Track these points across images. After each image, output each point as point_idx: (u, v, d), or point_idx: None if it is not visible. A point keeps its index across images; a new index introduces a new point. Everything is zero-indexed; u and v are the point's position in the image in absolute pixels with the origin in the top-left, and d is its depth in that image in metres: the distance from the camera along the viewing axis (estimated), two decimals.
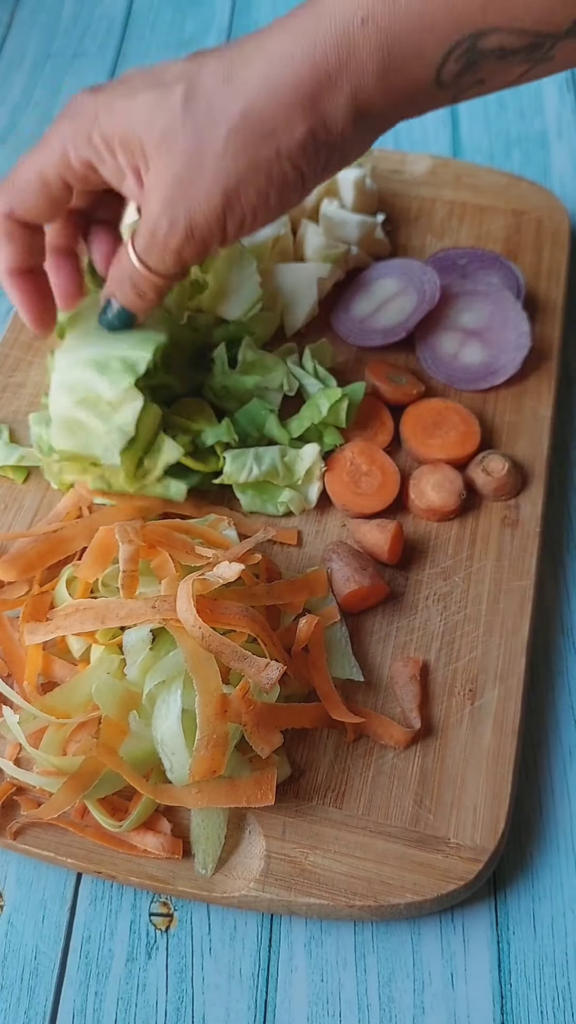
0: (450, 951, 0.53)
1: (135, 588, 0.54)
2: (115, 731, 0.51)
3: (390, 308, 0.71)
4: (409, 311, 0.70)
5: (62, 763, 0.51)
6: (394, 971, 0.52)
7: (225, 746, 0.50)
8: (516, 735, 0.55)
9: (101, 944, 0.53)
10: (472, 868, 0.51)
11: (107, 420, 0.59)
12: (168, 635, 0.53)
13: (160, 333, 0.61)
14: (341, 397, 0.65)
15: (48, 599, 0.58)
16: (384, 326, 0.70)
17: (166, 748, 0.51)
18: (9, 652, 0.58)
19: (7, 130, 0.95)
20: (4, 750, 0.55)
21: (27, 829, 0.53)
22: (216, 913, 0.54)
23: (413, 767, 0.55)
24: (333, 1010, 0.51)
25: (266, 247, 0.73)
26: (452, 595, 0.61)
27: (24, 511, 0.65)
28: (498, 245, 0.77)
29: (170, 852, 0.52)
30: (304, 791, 0.54)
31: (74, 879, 0.55)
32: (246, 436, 0.65)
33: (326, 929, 0.53)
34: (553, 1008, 0.51)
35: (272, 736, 0.52)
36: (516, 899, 0.54)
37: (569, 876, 0.55)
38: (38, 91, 0.98)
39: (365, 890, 0.51)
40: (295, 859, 0.52)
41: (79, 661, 0.56)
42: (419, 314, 0.70)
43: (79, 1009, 0.51)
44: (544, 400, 0.68)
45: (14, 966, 0.52)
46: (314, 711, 0.55)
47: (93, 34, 1.03)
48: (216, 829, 0.52)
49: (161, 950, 0.53)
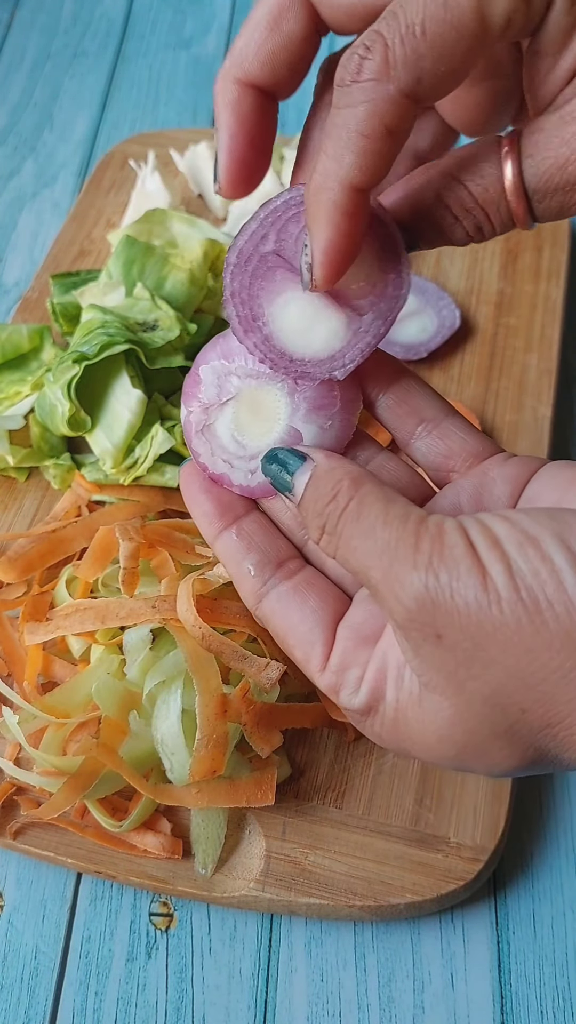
0: (450, 951, 0.53)
1: (135, 585, 0.54)
2: (115, 731, 0.51)
3: (410, 325, 0.72)
4: (431, 332, 0.71)
5: (62, 763, 0.51)
6: (394, 971, 0.52)
7: (225, 746, 0.50)
8: None
9: (101, 944, 0.53)
10: (472, 868, 0.51)
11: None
12: (168, 635, 0.53)
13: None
14: None
15: (48, 599, 0.58)
16: (405, 341, 0.71)
17: (166, 748, 0.51)
18: (9, 652, 0.58)
19: (7, 130, 0.95)
20: (4, 750, 0.55)
21: (27, 829, 0.53)
22: (216, 913, 0.54)
23: (413, 767, 0.55)
24: (333, 1010, 0.51)
25: None
26: None
27: (24, 511, 0.65)
28: (498, 244, 0.77)
29: (170, 852, 0.52)
30: (304, 791, 0.54)
31: (74, 879, 0.55)
32: None
33: (326, 929, 0.53)
34: (553, 1008, 0.51)
35: (272, 736, 0.52)
36: (516, 899, 0.54)
37: (569, 876, 0.55)
38: (38, 91, 0.98)
39: (365, 890, 0.51)
40: (295, 859, 0.52)
41: (79, 661, 0.56)
42: (440, 339, 0.71)
43: (79, 1009, 0.51)
44: (544, 400, 0.68)
45: (14, 966, 0.52)
46: (314, 711, 0.55)
47: (93, 34, 1.03)
48: (216, 829, 0.52)
49: (161, 950, 0.53)
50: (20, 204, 0.89)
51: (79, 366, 0.61)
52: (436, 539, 0.31)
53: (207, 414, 0.37)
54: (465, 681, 0.31)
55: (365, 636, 0.35)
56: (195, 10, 1.05)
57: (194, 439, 0.37)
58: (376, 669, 0.34)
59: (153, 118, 0.96)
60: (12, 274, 0.84)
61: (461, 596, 0.30)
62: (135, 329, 0.64)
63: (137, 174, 0.81)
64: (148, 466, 0.62)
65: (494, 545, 0.30)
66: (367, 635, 0.35)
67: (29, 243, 0.86)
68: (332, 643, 0.35)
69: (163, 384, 0.66)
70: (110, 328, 0.62)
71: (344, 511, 0.33)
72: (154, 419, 0.63)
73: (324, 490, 0.33)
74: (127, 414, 0.62)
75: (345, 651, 0.35)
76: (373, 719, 0.35)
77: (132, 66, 1.00)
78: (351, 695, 0.34)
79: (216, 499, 0.38)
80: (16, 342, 0.69)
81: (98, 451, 0.63)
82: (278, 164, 0.78)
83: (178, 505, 0.63)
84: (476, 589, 0.30)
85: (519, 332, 0.73)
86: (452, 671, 0.31)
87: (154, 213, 0.72)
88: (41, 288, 0.76)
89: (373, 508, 0.32)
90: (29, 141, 0.94)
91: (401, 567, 0.31)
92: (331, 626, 0.36)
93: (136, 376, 0.63)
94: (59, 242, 0.79)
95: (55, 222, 0.87)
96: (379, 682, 0.34)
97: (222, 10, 1.05)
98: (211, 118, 0.95)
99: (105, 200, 0.82)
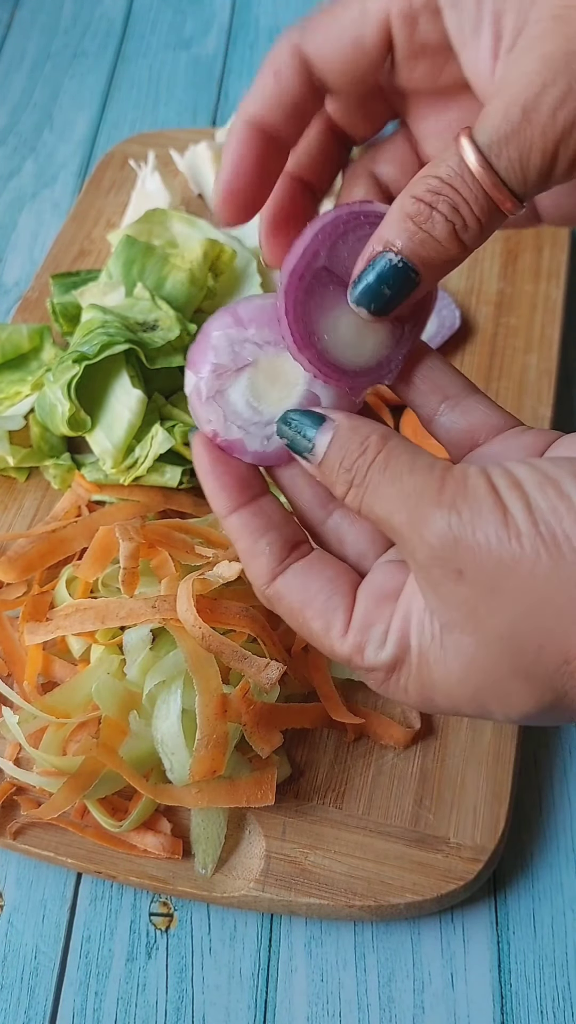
0: (450, 951, 0.53)
1: (135, 585, 0.54)
2: (115, 731, 0.51)
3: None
4: (431, 332, 0.71)
5: (62, 763, 0.51)
6: (394, 971, 0.52)
7: (225, 746, 0.50)
8: (516, 735, 0.55)
9: (101, 944, 0.53)
10: (472, 868, 0.51)
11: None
12: (168, 635, 0.53)
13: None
14: None
15: (48, 599, 0.58)
16: None
17: (166, 748, 0.51)
18: (9, 652, 0.58)
19: (7, 130, 0.95)
20: (4, 750, 0.55)
21: (27, 829, 0.53)
22: (216, 913, 0.54)
23: (413, 767, 0.55)
24: (333, 1010, 0.51)
25: None
26: None
27: (24, 511, 0.65)
28: (498, 244, 0.77)
29: (170, 852, 0.52)
30: (304, 791, 0.54)
31: (74, 879, 0.55)
32: None
33: (326, 929, 0.53)
34: (553, 1008, 0.51)
35: (272, 736, 0.52)
36: (516, 899, 0.54)
37: (569, 876, 0.55)
38: (38, 91, 0.98)
39: (365, 890, 0.51)
40: (295, 859, 0.52)
41: (79, 661, 0.56)
42: (440, 339, 0.71)
43: (79, 1009, 0.51)
44: (544, 400, 0.68)
45: (14, 966, 0.52)
46: (314, 711, 0.55)
47: (93, 34, 1.03)
48: (216, 829, 0.52)
49: (161, 950, 0.53)
50: (20, 204, 0.89)
51: (79, 366, 0.61)
52: (460, 483, 0.32)
53: (220, 380, 0.37)
54: (485, 618, 0.32)
55: (386, 593, 0.36)
56: (195, 10, 1.05)
57: (204, 406, 0.37)
58: (401, 619, 0.35)
59: (153, 118, 0.96)
60: (12, 274, 0.84)
61: (482, 532, 0.31)
62: (135, 329, 0.64)
63: (137, 174, 0.81)
64: (148, 466, 0.62)
65: (515, 486, 0.31)
66: (388, 592, 0.36)
67: (29, 243, 0.86)
68: (352, 608, 0.36)
69: (163, 384, 0.66)
70: (110, 328, 0.62)
71: (372, 463, 0.34)
72: (154, 419, 0.63)
73: (352, 445, 0.34)
74: (127, 414, 0.62)
75: (368, 609, 0.36)
76: (399, 673, 0.35)
77: (132, 66, 1.00)
78: (377, 650, 0.35)
79: (235, 473, 0.38)
80: (16, 342, 0.69)
81: (98, 451, 0.63)
82: None
83: (178, 505, 0.63)
84: (496, 525, 0.31)
85: (519, 332, 0.73)
86: (472, 608, 0.32)
87: (154, 213, 0.72)
88: (41, 288, 0.76)
89: (401, 459, 0.34)
90: (29, 141, 0.94)
91: (426, 508, 0.32)
92: (350, 593, 0.36)
93: (136, 376, 0.63)
94: (59, 242, 0.79)
95: (55, 222, 0.87)
96: (404, 632, 0.34)
97: (222, 10, 1.05)
98: (211, 118, 0.95)
99: (105, 200, 0.82)
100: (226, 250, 0.70)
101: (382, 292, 0.35)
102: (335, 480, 0.35)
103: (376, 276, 0.35)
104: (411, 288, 0.35)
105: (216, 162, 0.77)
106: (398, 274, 0.34)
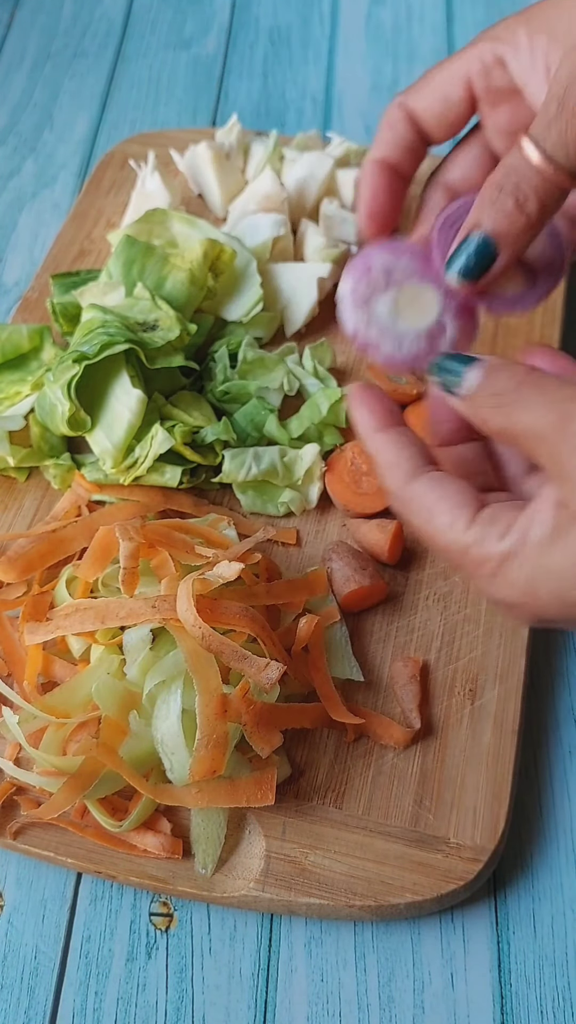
0: (450, 951, 0.53)
1: (135, 585, 0.54)
2: (115, 731, 0.51)
3: None
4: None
5: (62, 763, 0.51)
6: (394, 971, 0.52)
7: (225, 746, 0.50)
8: (516, 735, 0.55)
9: (101, 944, 0.53)
10: (472, 868, 0.51)
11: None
12: (168, 635, 0.53)
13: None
14: (341, 397, 0.65)
15: (48, 599, 0.58)
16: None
17: (166, 748, 0.51)
18: (9, 652, 0.58)
19: (7, 130, 0.95)
20: (4, 750, 0.55)
21: (27, 829, 0.53)
22: (216, 913, 0.54)
23: (413, 767, 0.55)
24: (333, 1010, 0.51)
25: (266, 247, 0.73)
26: (452, 595, 0.61)
27: (24, 511, 0.65)
28: None
29: (170, 852, 0.52)
30: (304, 791, 0.54)
31: (74, 879, 0.55)
32: (246, 436, 0.65)
33: (326, 929, 0.53)
34: (553, 1008, 0.51)
35: (272, 736, 0.52)
36: (516, 899, 0.54)
37: (569, 876, 0.55)
38: (38, 91, 0.98)
39: (365, 890, 0.51)
40: (295, 859, 0.52)
41: (79, 661, 0.56)
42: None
43: (79, 1009, 0.51)
44: None
45: (14, 966, 0.52)
46: (314, 711, 0.55)
47: (93, 34, 1.03)
48: (216, 829, 0.52)
49: (161, 950, 0.53)
50: (20, 204, 0.89)
51: (79, 366, 0.61)
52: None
53: (371, 291, 0.44)
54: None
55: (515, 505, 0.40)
56: (195, 10, 1.05)
57: (354, 308, 0.44)
58: (525, 518, 0.39)
59: (153, 118, 0.96)
60: (12, 274, 0.84)
61: None
62: (135, 329, 0.64)
63: (137, 174, 0.81)
64: (148, 466, 0.62)
65: None
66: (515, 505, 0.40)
67: (29, 243, 0.86)
68: (479, 511, 0.40)
69: (163, 384, 0.66)
70: (110, 328, 0.62)
71: (524, 381, 0.39)
72: (154, 419, 0.63)
73: (503, 375, 0.40)
74: (127, 414, 0.62)
75: (495, 510, 0.40)
76: (513, 562, 0.39)
77: (132, 66, 1.00)
78: (498, 540, 0.39)
79: (384, 407, 0.44)
80: (16, 342, 0.69)
81: (98, 451, 0.63)
82: (277, 163, 0.78)
83: (178, 505, 0.63)
84: None
85: (519, 332, 0.73)
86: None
87: (154, 213, 0.72)
88: (41, 288, 0.76)
89: (547, 378, 0.39)
90: (29, 141, 0.94)
91: (571, 406, 0.37)
92: (476, 500, 0.41)
93: (136, 376, 0.63)
94: (59, 242, 0.79)
95: (55, 222, 0.87)
96: (526, 527, 0.38)
97: (222, 10, 1.05)
98: (211, 118, 0.95)
99: (105, 200, 0.82)
100: (226, 250, 0.70)
101: (468, 263, 0.43)
102: (481, 407, 0.40)
103: (467, 250, 0.43)
104: (492, 258, 0.43)
105: (216, 162, 0.78)
106: (481, 247, 0.42)
